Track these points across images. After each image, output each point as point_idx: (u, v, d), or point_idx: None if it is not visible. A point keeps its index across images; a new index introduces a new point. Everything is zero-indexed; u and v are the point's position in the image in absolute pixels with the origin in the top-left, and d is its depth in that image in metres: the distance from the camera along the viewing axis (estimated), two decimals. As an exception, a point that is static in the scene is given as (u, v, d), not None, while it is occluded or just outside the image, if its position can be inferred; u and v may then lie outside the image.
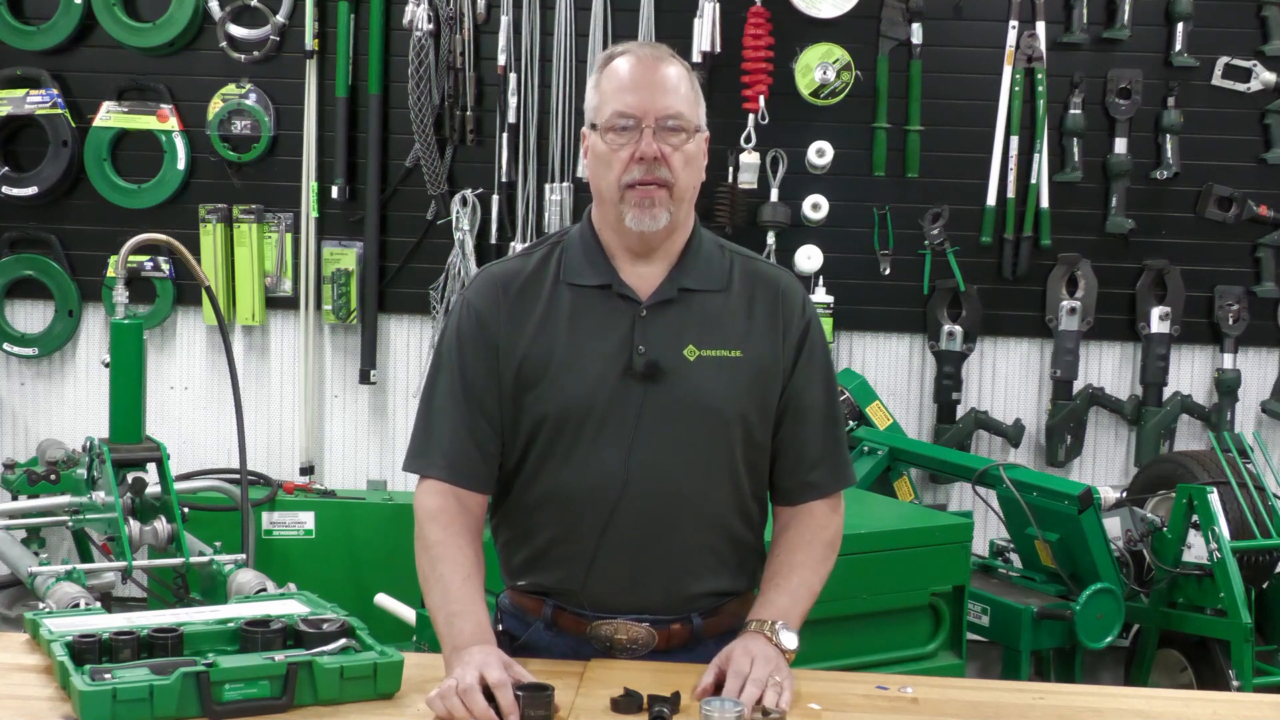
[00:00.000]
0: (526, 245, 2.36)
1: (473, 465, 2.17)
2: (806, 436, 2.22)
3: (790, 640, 2.07)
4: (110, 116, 4.98)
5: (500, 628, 2.27)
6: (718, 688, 1.97)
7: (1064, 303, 4.91)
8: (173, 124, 4.97)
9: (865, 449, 4.56)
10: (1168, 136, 4.86)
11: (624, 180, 2.12)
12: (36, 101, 4.95)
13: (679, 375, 2.14)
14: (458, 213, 4.92)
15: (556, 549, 2.19)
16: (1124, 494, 4.23)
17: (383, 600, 4.07)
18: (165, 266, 5.02)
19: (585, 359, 2.14)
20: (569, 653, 2.18)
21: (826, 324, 4.84)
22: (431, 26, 4.81)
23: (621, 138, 2.12)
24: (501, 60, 4.85)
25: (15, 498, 3.96)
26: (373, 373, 5.04)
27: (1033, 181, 4.89)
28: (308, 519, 4.63)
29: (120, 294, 3.47)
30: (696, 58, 4.75)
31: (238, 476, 3.77)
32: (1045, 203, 4.90)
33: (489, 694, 1.86)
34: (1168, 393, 4.94)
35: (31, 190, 5.00)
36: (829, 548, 2.24)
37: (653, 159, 2.11)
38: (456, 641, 2.00)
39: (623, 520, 2.13)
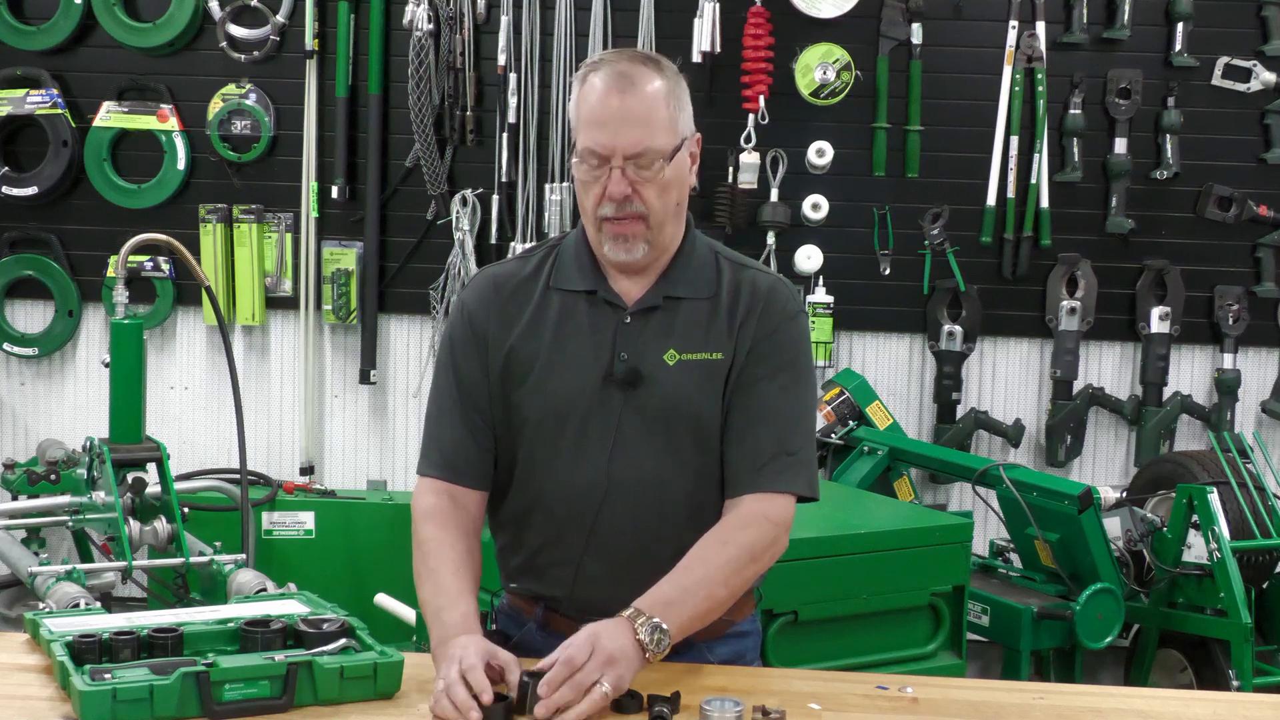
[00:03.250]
0: (527, 247, 2.35)
1: (468, 461, 2.19)
2: (754, 435, 2.16)
3: (652, 636, 1.95)
4: (110, 116, 4.98)
5: (495, 627, 2.29)
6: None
7: (1064, 303, 4.91)
8: (173, 124, 4.97)
9: (865, 449, 4.56)
10: (1168, 136, 4.86)
11: (598, 214, 2.12)
12: (36, 101, 4.95)
13: (658, 381, 2.14)
14: (458, 213, 4.91)
15: (545, 555, 2.20)
16: (1124, 494, 4.23)
17: (383, 600, 4.08)
18: (165, 266, 5.02)
19: (568, 364, 2.15)
20: None
21: (826, 324, 4.85)
22: (431, 26, 4.81)
23: (594, 172, 2.11)
24: (501, 60, 4.85)
25: (15, 498, 3.95)
26: (373, 373, 5.04)
27: (1033, 181, 4.89)
28: (308, 519, 4.62)
29: (120, 294, 3.47)
30: (696, 58, 4.75)
31: (238, 476, 3.77)
32: (1045, 203, 4.90)
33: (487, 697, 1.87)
34: (1168, 393, 4.94)
35: (31, 190, 5.00)
36: (746, 552, 2.09)
37: (622, 198, 2.09)
38: (443, 634, 2.01)
39: (607, 526, 2.14)
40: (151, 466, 3.40)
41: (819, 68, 4.83)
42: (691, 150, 2.18)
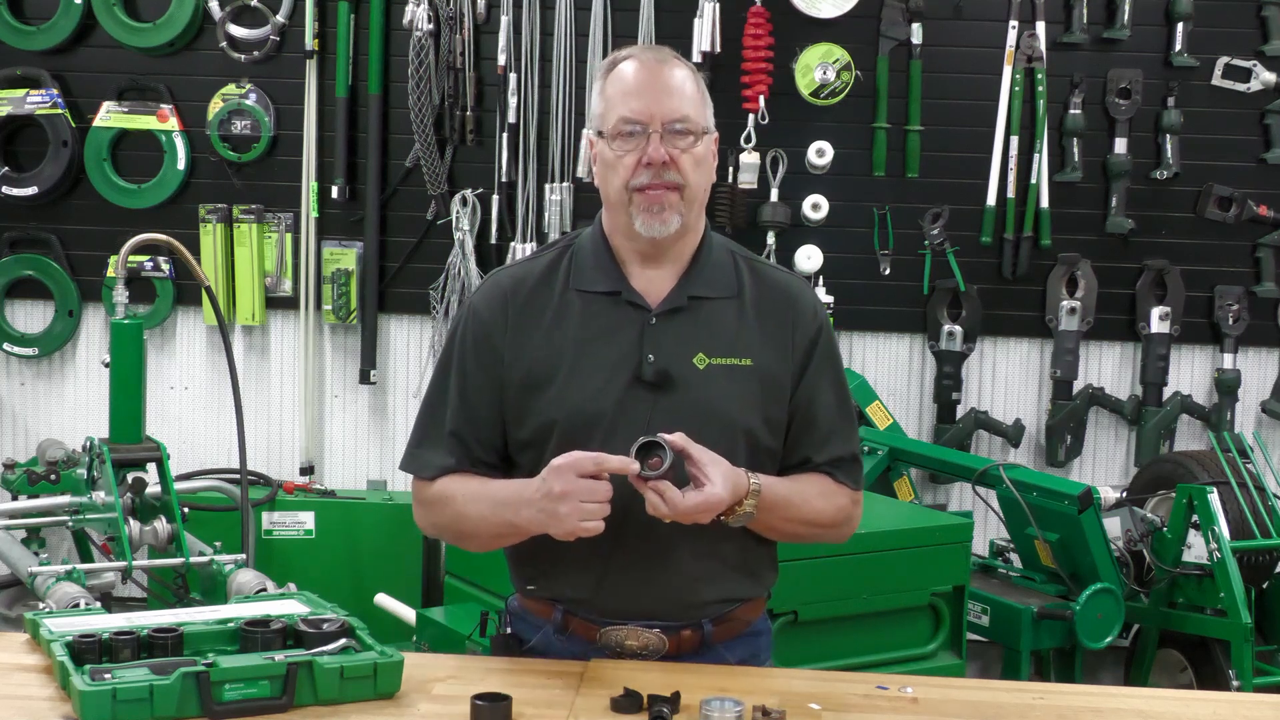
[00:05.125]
0: (538, 248, 2.34)
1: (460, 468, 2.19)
2: (819, 441, 2.21)
3: (735, 519, 2.08)
4: (110, 116, 4.98)
5: (509, 631, 2.27)
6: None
7: (1064, 303, 4.91)
8: (173, 124, 4.97)
9: (865, 449, 4.56)
10: (1168, 136, 4.86)
11: (632, 184, 2.11)
12: (36, 101, 4.95)
13: (689, 384, 2.13)
14: (458, 213, 4.91)
15: (566, 558, 2.16)
16: (1124, 494, 4.23)
17: (383, 600, 4.08)
18: (165, 266, 5.02)
19: (594, 366, 2.13)
20: (579, 657, 2.16)
21: (826, 324, 4.85)
22: (431, 26, 4.81)
23: (629, 144, 2.11)
24: (501, 60, 4.85)
25: (15, 498, 3.96)
26: (373, 373, 5.04)
27: (1033, 181, 4.89)
28: (308, 519, 4.63)
29: (120, 294, 3.47)
30: (696, 58, 4.75)
31: (238, 476, 3.78)
32: (1045, 203, 4.90)
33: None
34: (1168, 393, 4.94)
35: (31, 190, 5.00)
36: (838, 510, 2.23)
37: (661, 164, 2.09)
38: (522, 493, 2.06)
39: (632, 528, 2.11)
40: (151, 466, 3.41)
41: (819, 68, 4.83)
42: (711, 148, 2.19)
